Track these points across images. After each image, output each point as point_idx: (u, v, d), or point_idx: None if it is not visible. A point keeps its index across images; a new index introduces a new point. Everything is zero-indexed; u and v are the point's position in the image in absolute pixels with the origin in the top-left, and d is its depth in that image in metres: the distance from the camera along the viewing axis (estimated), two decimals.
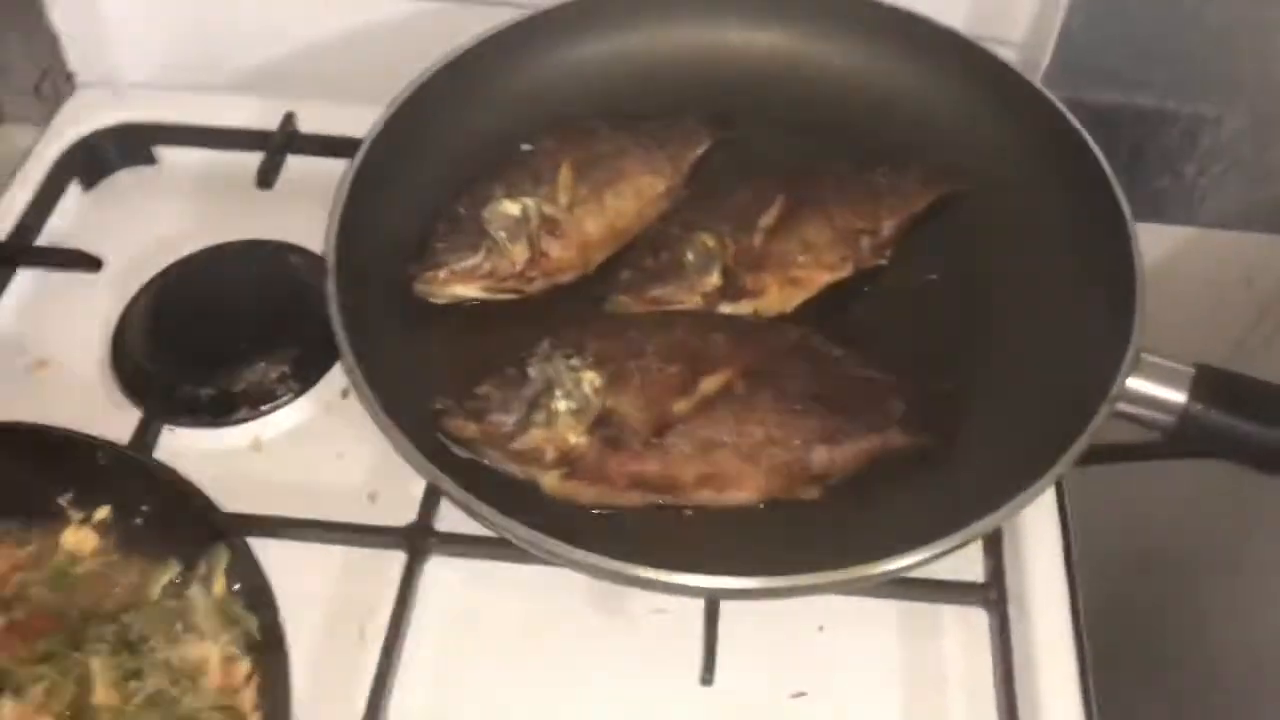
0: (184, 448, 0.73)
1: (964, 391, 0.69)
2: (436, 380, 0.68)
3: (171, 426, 0.74)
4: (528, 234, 0.72)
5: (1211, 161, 0.93)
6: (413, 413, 0.65)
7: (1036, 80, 0.82)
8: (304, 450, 0.75)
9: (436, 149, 0.78)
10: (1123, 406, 0.64)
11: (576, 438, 0.62)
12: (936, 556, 0.59)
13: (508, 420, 0.62)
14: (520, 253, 0.72)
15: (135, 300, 0.80)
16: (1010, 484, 0.61)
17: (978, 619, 0.68)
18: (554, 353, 0.65)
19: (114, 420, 0.73)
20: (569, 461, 0.62)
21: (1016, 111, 0.79)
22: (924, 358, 0.72)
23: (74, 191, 0.88)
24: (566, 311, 0.73)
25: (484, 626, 0.68)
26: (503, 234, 0.72)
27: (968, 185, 0.79)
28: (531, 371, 0.64)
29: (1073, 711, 0.64)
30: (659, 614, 0.68)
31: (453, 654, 0.66)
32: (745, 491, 0.64)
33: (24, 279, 0.83)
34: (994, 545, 0.69)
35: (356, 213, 0.71)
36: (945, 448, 0.67)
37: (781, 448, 0.64)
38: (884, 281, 0.76)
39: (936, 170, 0.79)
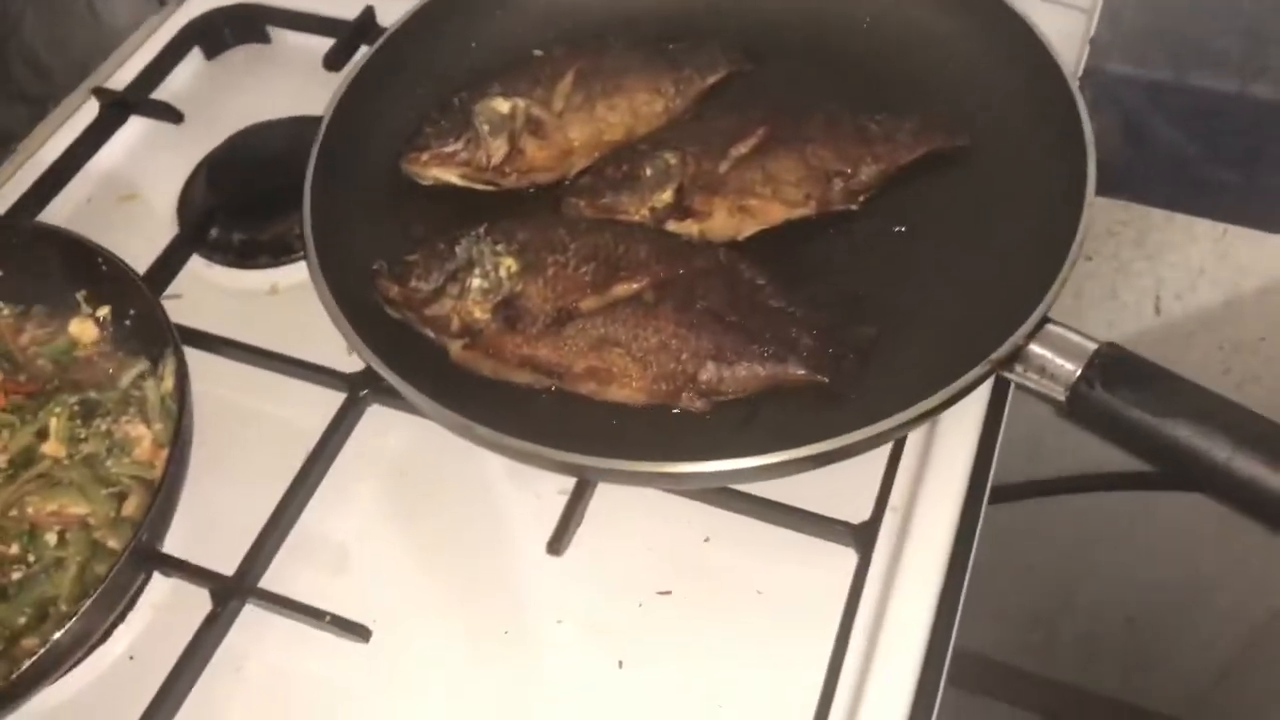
0: (213, 280, 0.85)
1: (878, 339, 0.69)
2: (392, 253, 0.75)
3: (207, 262, 0.86)
4: (510, 131, 0.78)
5: None
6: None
7: (1083, 52, 0.79)
8: (313, 302, 0.84)
9: (455, 48, 0.84)
10: (1018, 373, 0.63)
11: (481, 314, 0.68)
12: (771, 468, 0.61)
13: (425, 287, 0.69)
14: (499, 147, 0.77)
15: (211, 154, 0.92)
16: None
17: (849, 559, 0.68)
18: (485, 237, 0.71)
19: (162, 246, 0.87)
20: (471, 334, 0.68)
21: (1028, 76, 0.77)
22: (858, 303, 0.72)
23: (196, 58, 1.02)
24: (536, 210, 0.78)
25: (404, 476, 0.75)
26: (486, 127, 0.77)
27: (966, 142, 0.78)
28: (458, 249, 0.70)
29: (904, 672, 0.64)
30: (562, 494, 0.73)
31: (370, 493, 0.75)
32: (629, 391, 0.68)
33: (135, 125, 0.97)
34: (883, 492, 0.69)
35: (361, 95, 0.79)
36: (843, 389, 0.68)
37: (671, 357, 0.67)
38: (852, 226, 0.77)
39: (933, 123, 0.78)
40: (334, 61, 0.95)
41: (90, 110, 0.96)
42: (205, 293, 0.85)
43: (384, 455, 0.76)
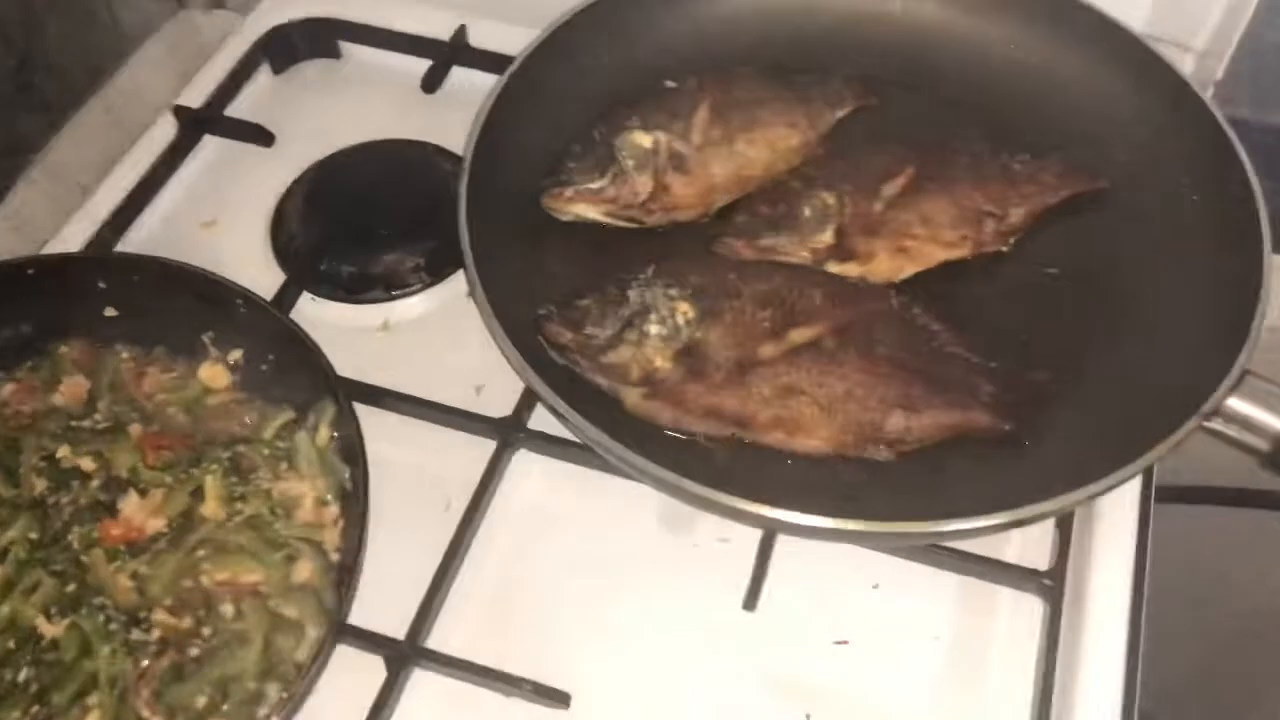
0: (320, 317, 0.80)
1: (1057, 385, 0.69)
2: (547, 291, 0.72)
3: (313, 296, 0.81)
4: (655, 166, 0.75)
5: None
6: (520, 318, 0.69)
7: (1207, 91, 0.79)
8: (427, 338, 0.81)
9: (585, 75, 0.81)
10: (1217, 425, 0.63)
11: (662, 362, 0.66)
12: (992, 529, 0.60)
13: (601, 334, 0.66)
14: (644, 183, 0.75)
15: (299, 179, 0.87)
16: (1082, 476, 0.61)
17: (1030, 604, 0.68)
18: (655, 280, 0.68)
19: (262, 281, 0.81)
20: (651, 382, 0.66)
21: (1171, 116, 0.78)
22: (1025, 347, 0.72)
23: (264, 74, 0.96)
24: (679, 247, 0.76)
25: (557, 523, 0.72)
26: (631, 162, 0.75)
27: (1106, 185, 0.78)
28: (631, 294, 0.68)
29: (1109, 711, 0.64)
30: (722, 543, 0.71)
31: (524, 543, 0.71)
32: (816, 441, 0.66)
33: (209, 145, 0.91)
34: (1064, 537, 0.69)
35: (498, 124, 0.76)
36: (1025, 436, 0.67)
37: (859, 405, 0.66)
38: (1003, 268, 0.77)
39: (1077, 166, 0.78)
40: (431, 83, 0.91)
41: (165, 131, 0.90)
42: (311, 329, 0.80)
43: (532, 504, 0.73)
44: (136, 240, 0.85)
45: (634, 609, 0.69)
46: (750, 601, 0.65)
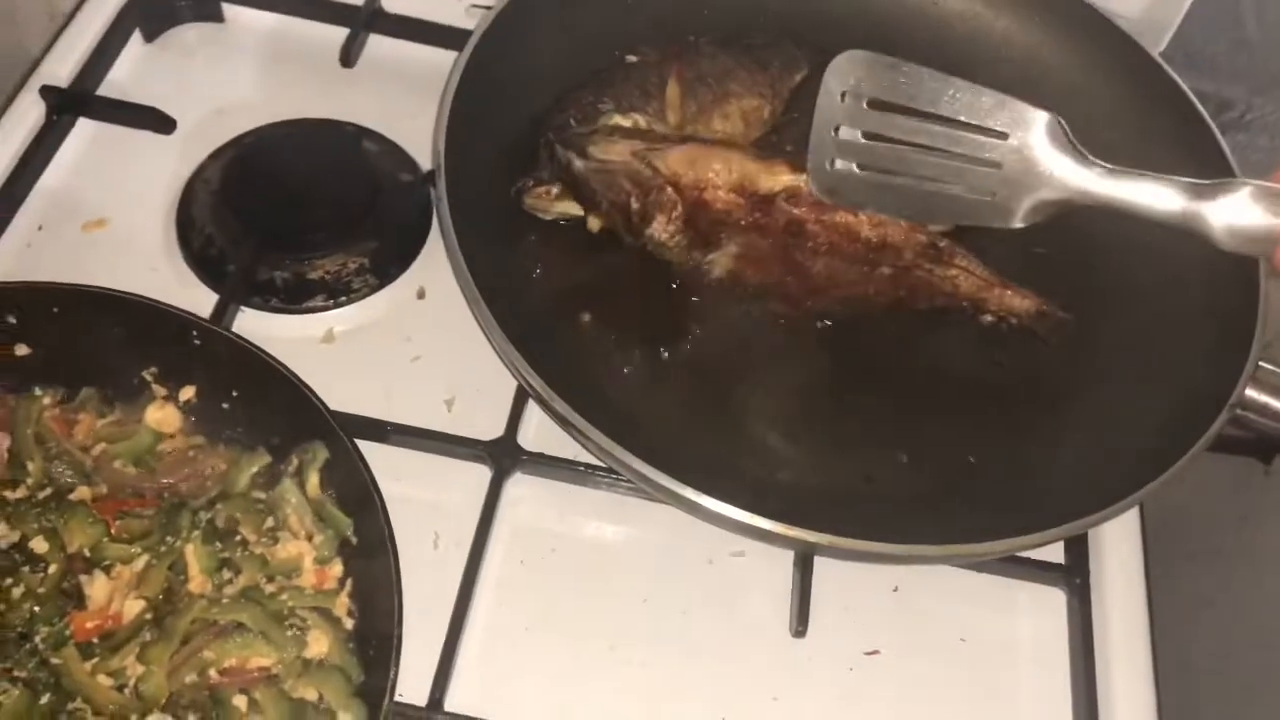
0: (254, 331, 0.69)
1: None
2: (531, 292, 0.66)
3: (243, 307, 0.70)
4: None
5: None
6: (511, 323, 0.62)
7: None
8: (379, 348, 0.71)
9: (538, 51, 0.73)
10: (1238, 413, 0.64)
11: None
12: (1047, 542, 0.59)
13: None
14: None
15: (204, 167, 0.75)
16: (1124, 483, 0.61)
17: (1052, 598, 0.68)
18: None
19: (178, 294, 0.69)
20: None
21: (1136, 85, 0.78)
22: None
23: (135, 41, 0.82)
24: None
25: (558, 549, 0.66)
26: None
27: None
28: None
29: (1144, 693, 0.64)
30: (737, 557, 0.67)
31: (526, 573, 0.65)
32: None
33: (82, 130, 0.77)
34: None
35: (462, 114, 0.67)
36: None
37: None
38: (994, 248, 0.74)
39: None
40: (349, 54, 0.80)
41: (29, 111, 0.75)
42: None
43: (528, 530, 0.66)
44: (6, 251, 0.71)
45: (652, 634, 0.64)
46: (800, 628, 0.62)
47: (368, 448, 0.65)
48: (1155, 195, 0.53)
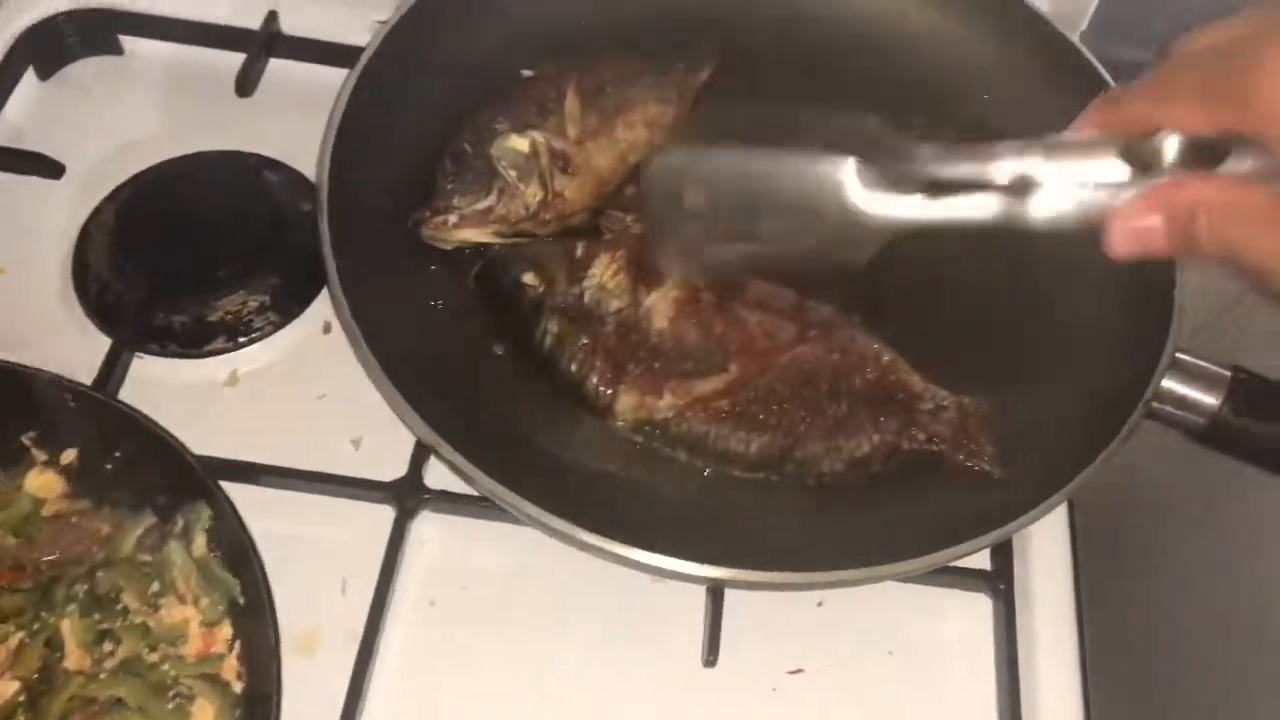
0: (155, 378, 0.68)
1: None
2: (434, 326, 0.64)
3: (141, 354, 0.69)
4: (539, 171, 0.67)
5: None
6: (405, 362, 0.60)
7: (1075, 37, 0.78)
8: (283, 388, 0.70)
9: (432, 72, 0.71)
10: (1154, 406, 0.63)
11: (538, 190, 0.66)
12: (968, 553, 0.58)
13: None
14: (533, 193, 0.67)
15: (99, 210, 0.73)
16: (1042, 486, 0.59)
17: (978, 604, 0.66)
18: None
19: (75, 342, 0.69)
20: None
21: (1054, 69, 0.75)
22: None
23: (28, 80, 0.80)
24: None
25: (470, 586, 0.65)
26: (513, 173, 0.66)
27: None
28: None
29: (1072, 702, 0.63)
30: (655, 584, 0.66)
31: (438, 613, 0.64)
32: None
33: None
34: None
35: (350, 141, 0.65)
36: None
37: None
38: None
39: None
40: (245, 83, 0.78)
41: None
42: (146, 392, 0.67)
43: (438, 569, 0.65)
44: None
45: (570, 666, 0.63)
46: (710, 658, 0.60)
47: (271, 494, 0.65)
48: (973, 206, 0.50)
